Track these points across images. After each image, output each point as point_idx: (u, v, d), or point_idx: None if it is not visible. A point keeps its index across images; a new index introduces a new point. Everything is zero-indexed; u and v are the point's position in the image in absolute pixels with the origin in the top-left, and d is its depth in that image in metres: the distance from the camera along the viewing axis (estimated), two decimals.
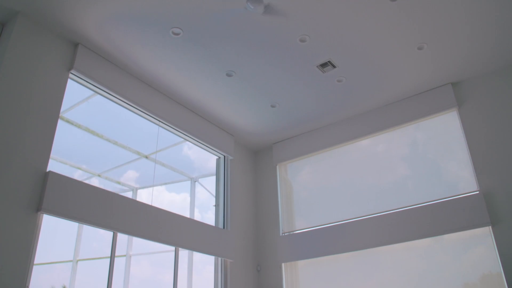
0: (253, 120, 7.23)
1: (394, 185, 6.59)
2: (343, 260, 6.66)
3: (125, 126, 6.48)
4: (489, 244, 5.54)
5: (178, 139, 6.92)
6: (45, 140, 4.66)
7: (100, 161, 6.44)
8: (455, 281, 5.64)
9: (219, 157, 7.55)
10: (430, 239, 5.97)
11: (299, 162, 7.82)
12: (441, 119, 6.49)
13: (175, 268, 5.98)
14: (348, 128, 7.23)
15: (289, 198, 7.70)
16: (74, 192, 4.72)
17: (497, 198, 5.57)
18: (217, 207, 7.22)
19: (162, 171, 6.76)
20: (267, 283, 7.21)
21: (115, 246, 5.22)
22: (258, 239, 7.67)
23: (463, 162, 6.09)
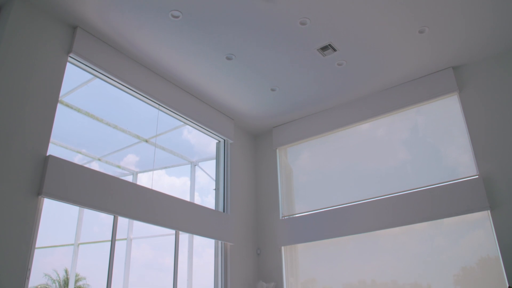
0: (253, 104, 7.21)
1: (394, 169, 6.60)
2: (342, 244, 6.71)
3: (125, 110, 6.46)
4: (488, 228, 5.57)
5: (178, 123, 6.91)
6: (44, 124, 4.65)
7: (100, 145, 6.44)
8: (453, 265, 5.69)
9: (219, 141, 7.55)
10: (428, 223, 6.01)
11: (299, 146, 7.82)
12: (441, 103, 6.47)
13: (175, 252, 6.02)
14: (348, 112, 7.21)
15: (289, 182, 7.72)
16: (75, 176, 4.73)
17: (496, 183, 5.59)
18: (217, 190, 7.24)
19: (162, 155, 6.77)
20: (266, 266, 7.27)
21: (115, 230, 5.25)
22: (258, 222, 7.71)
23: (463, 146, 6.09)
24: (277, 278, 7.04)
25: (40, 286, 11.12)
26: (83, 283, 11.23)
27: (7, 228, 4.02)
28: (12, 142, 4.28)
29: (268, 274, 7.18)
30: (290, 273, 7.08)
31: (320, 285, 6.74)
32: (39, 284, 10.97)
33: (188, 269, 6.45)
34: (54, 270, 10.54)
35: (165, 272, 5.99)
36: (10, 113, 4.34)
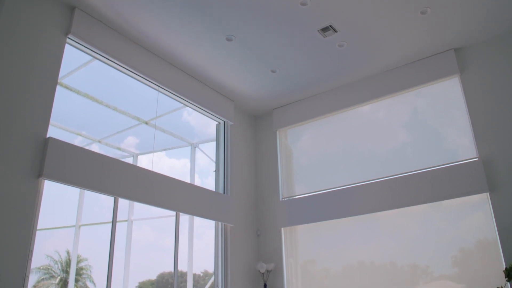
0: (253, 85, 7.18)
1: (394, 151, 6.61)
2: (341, 225, 6.75)
3: (124, 92, 6.43)
4: (486, 210, 5.60)
5: (177, 105, 6.89)
6: (44, 106, 4.64)
7: (100, 127, 6.43)
8: (452, 247, 5.74)
9: (219, 122, 7.54)
10: (428, 205, 6.04)
11: (299, 128, 7.82)
12: (442, 86, 6.44)
13: (176, 233, 6.07)
14: (349, 94, 7.19)
15: (289, 164, 7.73)
16: (75, 158, 4.74)
17: (496, 165, 5.60)
18: (217, 172, 7.26)
19: (162, 137, 6.77)
20: (266, 248, 7.34)
21: (116, 212, 5.28)
22: (258, 204, 7.75)
23: (463, 129, 6.08)
24: (277, 259, 7.11)
25: (42, 267, 11.21)
26: (84, 264, 11.35)
27: (8, 210, 4.04)
28: (12, 124, 4.27)
29: (268, 255, 7.25)
30: (289, 254, 7.15)
31: (320, 266, 6.81)
32: (41, 265, 11.06)
33: (188, 251, 6.51)
34: (56, 252, 10.63)
35: (165, 253, 6.04)
36: (9, 96, 4.32)
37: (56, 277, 11.69)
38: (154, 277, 7.06)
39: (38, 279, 11.40)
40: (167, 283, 6.24)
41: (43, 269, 11.66)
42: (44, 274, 11.70)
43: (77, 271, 10.90)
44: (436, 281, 5.77)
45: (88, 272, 11.84)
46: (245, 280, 6.96)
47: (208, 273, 6.94)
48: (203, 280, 7.04)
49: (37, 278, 11.21)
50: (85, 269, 11.81)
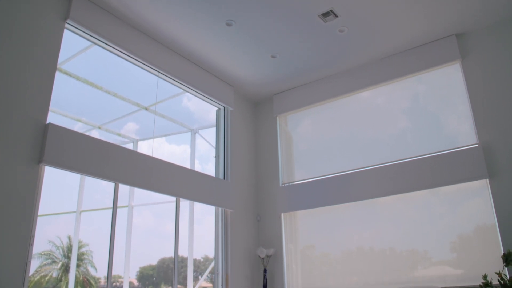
0: (253, 71, 7.15)
1: (394, 137, 6.61)
2: (341, 211, 6.78)
3: (124, 78, 6.41)
4: (486, 196, 5.62)
5: (177, 90, 6.87)
6: (43, 92, 4.62)
7: (100, 113, 6.42)
8: (450, 232, 5.77)
9: (219, 108, 7.52)
10: (427, 191, 6.06)
11: (299, 114, 7.81)
12: (443, 72, 6.42)
13: (176, 218, 6.09)
14: (349, 80, 7.16)
15: (289, 150, 7.74)
16: (75, 144, 4.74)
17: (496, 152, 5.61)
18: (217, 158, 7.27)
19: (162, 123, 6.76)
20: (266, 233, 7.38)
21: (117, 197, 5.29)
22: (258, 189, 7.78)
23: (463, 115, 6.07)
24: (276, 245, 7.16)
25: (44, 252, 11.28)
26: (86, 250, 11.45)
27: (9, 196, 4.06)
28: (12, 110, 4.27)
29: (268, 241, 7.30)
30: (289, 239, 7.20)
31: (319, 251, 6.86)
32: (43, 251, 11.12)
33: (189, 236, 6.55)
34: (58, 237, 10.72)
35: (166, 238, 6.08)
36: (8, 82, 4.30)
37: (58, 263, 11.81)
38: (154, 262, 7.13)
39: (40, 264, 11.52)
40: (168, 268, 6.30)
41: (45, 255, 11.78)
42: (46, 260, 11.82)
43: (79, 256, 11.02)
44: (435, 266, 5.82)
45: (89, 258, 11.95)
46: (245, 265, 7.02)
47: (209, 258, 7.00)
48: (204, 265, 7.10)
49: (39, 263, 11.33)
50: (86, 255, 11.92)
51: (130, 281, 6.50)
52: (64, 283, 11.11)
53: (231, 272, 6.64)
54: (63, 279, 11.26)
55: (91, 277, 11.66)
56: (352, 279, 6.43)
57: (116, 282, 6.31)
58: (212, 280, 6.79)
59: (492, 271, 4.93)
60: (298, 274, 6.95)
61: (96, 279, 11.29)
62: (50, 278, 11.38)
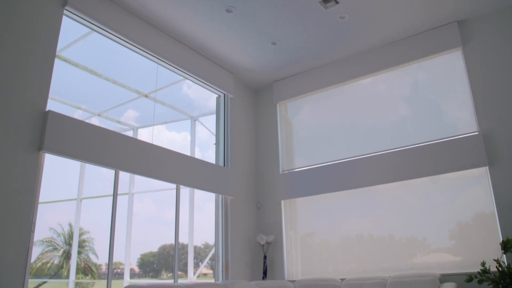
0: (253, 58, 7.11)
1: (394, 124, 6.60)
2: (341, 198, 6.81)
3: (124, 65, 6.38)
4: (485, 184, 5.63)
5: (177, 77, 6.85)
6: (43, 79, 4.60)
7: (100, 100, 6.41)
8: (449, 220, 5.80)
9: (219, 95, 7.50)
10: (426, 178, 6.07)
11: (299, 101, 7.79)
12: (444, 59, 6.38)
13: (176, 206, 6.11)
14: (350, 67, 7.13)
15: (289, 137, 7.74)
16: (75, 131, 4.74)
17: (496, 139, 5.60)
18: (217, 145, 7.27)
19: (162, 110, 6.75)
20: (266, 220, 7.41)
21: (117, 184, 5.30)
22: (258, 176, 7.79)
23: (464, 102, 6.06)
24: (276, 231, 7.20)
25: (45, 239, 11.34)
26: (87, 237, 11.51)
27: (10, 183, 4.07)
28: (11, 97, 4.25)
29: (268, 228, 7.33)
30: (289, 226, 7.23)
31: (319, 238, 6.90)
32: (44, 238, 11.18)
33: (189, 223, 6.59)
34: (59, 225, 10.77)
35: (166, 225, 6.11)
36: (7, 69, 4.28)
37: (59, 249, 11.89)
38: (155, 249, 7.19)
39: (42, 251, 11.60)
40: (168, 255, 6.34)
41: (47, 242, 11.84)
42: (48, 247, 11.89)
43: (80, 243, 11.08)
44: (434, 253, 5.85)
45: (91, 245, 12.02)
46: (245, 252, 7.07)
47: (209, 245, 7.04)
48: (204, 252, 7.14)
49: (40, 250, 11.40)
50: (87, 242, 11.99)
51: (131, 267, 6.56)
52: (65, 269, 11.20)
53: (231, 258, 6.69)
54: (64, 266, 11.34)
55: (92, 263, 11.75)
56: (351, 265, 6.47)
57: (117, 268, 6.37)
58: (213, 267, 6.84)
59: (490, 258, 4.96)
60: (298, 261, 7.00)
61: (97, 266, 11.37)
62: (52, 264, 11.46)
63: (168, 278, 7.67)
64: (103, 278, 9.39)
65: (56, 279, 11.38)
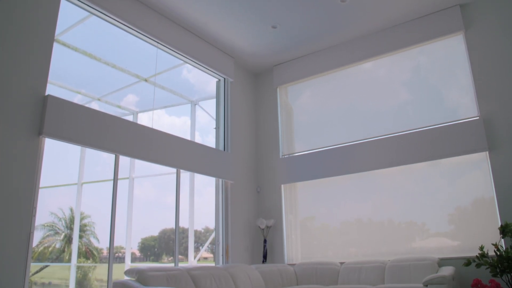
0: (253, 41, 7.06)
1: (395, 109, 6.58)
2: (340, 183, 6.82)
3: (123, 49, 6.34)
4: (485, 169, 5.64)
5: (177, 62, 6.80)
6: (42, 64, 4.57)
7: (99, 85, 6.38)
8: (448, 205, 5.83)
9: (219, 79, 7.47)
10: (426, 163, 6.08)
11: (299, 85, 7.76)
12: (446, 43, 6.34)
13: (177, 190, 6.12)
14: (350, 51, 7.08)
15: (289, 121, 7.73)
16: (75, 116, 4.73)
17: (497, 124, 5.59)
18: (217, 129, 7.26)
19: (162, 95, 6.73)
20: (266, 204, 7.44)
21: (117, 169, 5.31)
22: (258, 161, 7.80)
23: (465, 87, 6.03)
24: (276, 216, 7.23)
25: (47, 224, 11.40)
26: (88, 221, 11.57)
27: (10, 168, 4.07)
28: (10, 82, 4.23)
29: (268, 212, 7.37)
30: (289, 210, 7.26)
31: (318, 222, 6.94)
32: (46, 222, 11.24)
33: (189, 207, 6.61)
34: (60, 209, 10.82)
35: (167, 210, 6.14)
36: (5, 53, 4.25)
37: (61, 234, 11.95)
38: (156, 234, 7.23)
39: (43, 235, 11.67)
40: (169, 239, 6.38)
41: (48, 226, 11.91)
42: (49, 231, 11.97)
43: (81, 227, 11.15)
44: (432, 238, 5.89)
45: (92, 229, 12.09)
46: (245, 235, 7.11)
47: (209, 229, 7.08)
48: (204, 236, 7.19)
49: (42, 234, 11.48)
50: (88, 226, 12.06)
51: (132, 251, 6.61)
52: (67, 253, 11.28)
53: (231, 242, 6.73)
54: (66, 250, 11.43)
55: (93, 248, 11.83)
56: (350, 249, 6.52)
57: (119, 253, 6.42)
58: (213, 251, 6.89)
59: (489, 243, 4.99)
60: (297, 245, 7.05)
61: (99, 250, 11.45)
62: (53, 249, 11.55)
63: (169, 262, 7.74)
64: (104, 262, 9.47)
65: (58, 263, 11.48)
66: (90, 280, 10.21)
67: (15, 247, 3.97)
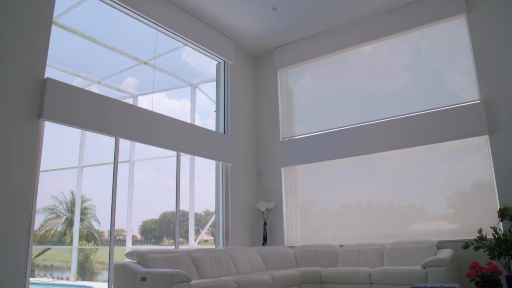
0: (253, 24, 7.00)
1: (395, 92, 6.56)
2: (340, 166, 6.84)
3: (122, 31, 6.28)
4: (485, 153, 5.64)
5: (177, 44, 6.75)
6: (40, 46, 4.53)
7: (99, 68, 6.35)
8: (447, 188, 5.84)
9: (219, 62, 7.42)
10: (426, 147, 6.08)
11: (300, 68, 7.72)
12: (447, 26, 6.27)
13: (177, 173, 6.14)
14: (351, 33, 7.02)
15: (289, 104, 7.71)
16: (75, 99, 4.71)
17: (498, 108, 5.57)
18: (217, 112, 7.25)
19: (161, 77, 6.70)
20: (267, 187, 7.47)
21: (117, 152, 5.31)
22: (258, 144, 7.80)
23: (466, 71, 5.99)
24: (276, 198, 7.26)
25: (48, 207, 11.47)
26: (89, 204, 11.65)
27: (11, 152, 4.08)
28: (8, 65, 4.21)
29: (268, 195, 7.40)
30: (289, 193, 7.29)
31: (318, 205, 6.97)
32: (47, 206, 11.31)
33: (190, 190, 6.64)
34: (61, 192, 10.89)
35: (167, 193, 6.17)
36: (2, 36, 4.22)
37: (62, 217, 12.05)
38: (156, 216, 7.27)
39: (45, 218, 11.78)
40: (170, 222, 6.42)
41: (49, 209, 12.01)
42: (51, 214, 12.07)
43: (82, 210, 11.22)
44: (431, 221, 5.93)
45: (93, 212, 12.19)
46: (245, 218, 7.15)
47: (209, 212, 7.13)
48: (205, 219, 7.24)
49: (44, 217, 11.58)
50: (89, 209, 12.15)
51: (133, 234, 6.66)
52: (68, 236, 11.39)
53: (231, 225, 6.77)
54: (67, 233, 11.53)
55: (94, 230, 11.94)
56: (350, 232, 6.56)
57: (120, 235, 6.47)
58: (213, 233, 6.94)
59: (487, 226, 5.01)
60: (297, 227, 7.09)
61: (100, 233, 11.56)
62: (55, 232, 11.66)
63: (169, 244, 7.81)
64: (105, 244, 9.55)
65: (60, 246, 11.59)
66: (91, 262, 10.32)
67: (17, 230, 3.99)
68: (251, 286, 4.52)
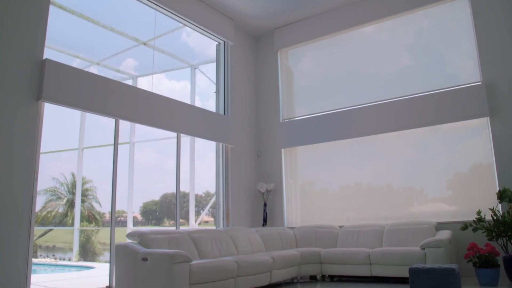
0: (253, 3, 6.89)
1: (396, 73, 6.52)
2: (340, 147, 6.84)
3: (121, 11, 6.22)
4: (485, 135, 5.64)
5: (176, 25, 6.68)
6: (38, 27, 4.49)
7: (98, 49, 6.30)
8: (447, 170, 5.86)
9: (219, 42, 7.36)
10: (426, 128, 6.07)
11: (300, 49, 7.65)
12: (450, 6, 6.19)
13: (177, 154, 6.14)
14: (352, 14, 6.94)
15: (290, 85, 7.67)
16: (74, 80, 4.69)
17: (499, 89, 5.54)
18: (217, 93, 7.21)
19: (161, 58, 6.65)
20: (267, 168, 7.48)
21: (117, 133, 5.30)
22: (258, 125, 7.79)
23: (468, 52, 5.94)
24: (276, 180, 7.28)
25: (49, 189, 11.53)
26: (89, 186, 11.71)
27: (11, 133, 4.08)
28: (6, 46, 4.17)
29: (268, 176, 7.41)
30: (289, 175, 7.31)
31: (318, 187, 7.00)
32: (48, 187, 11.37)
33: (190, 172, 6.65)
34: (62, 174, 10.93)
35: (168, 174, 6.18)
36: (0, 17, 4.17)
37: (63, 198, 12.13)
38: (157, 198, 7.31)
39: (46, 200, 11.85)
40: (170, 203, 6.46)
41: (50, 191, 12.07)
42: (52, 196, 12.14)
43: (83, 192, 11.27)
44: (430, 203, 5.96)
45: (94, 193, 12.26)
46: (245, 199, 7.18)
47: (210, 193, 7.16)
48: (205, 200, 7.28)
49: (45, 199, 11.65)
50: (90, 190, 12.21)
51: (134, 215, 6.69)
52: (70, 218, 11.47)
53: (231, 206, 6.81)
54: (69, 214, 11.60)
55: (96, 212, 12.02)
56: (349, 214, 6.60)
57: (121, 217, 6.51)
58: (213, 215, 6.98)
59: (486, 208, 5.04)
60: (297, 209, 7.13)
61: (101, 214, 11.64)
62: (57, 213, 11.74)
63: (170, 225, 7.87)
64: (107, 226, 9.61)
65: (62, 227, 11.68)
66: (93, 243, 10.42)
67: (18, 211, 4.02)
68: (251, 266, 4.57)
